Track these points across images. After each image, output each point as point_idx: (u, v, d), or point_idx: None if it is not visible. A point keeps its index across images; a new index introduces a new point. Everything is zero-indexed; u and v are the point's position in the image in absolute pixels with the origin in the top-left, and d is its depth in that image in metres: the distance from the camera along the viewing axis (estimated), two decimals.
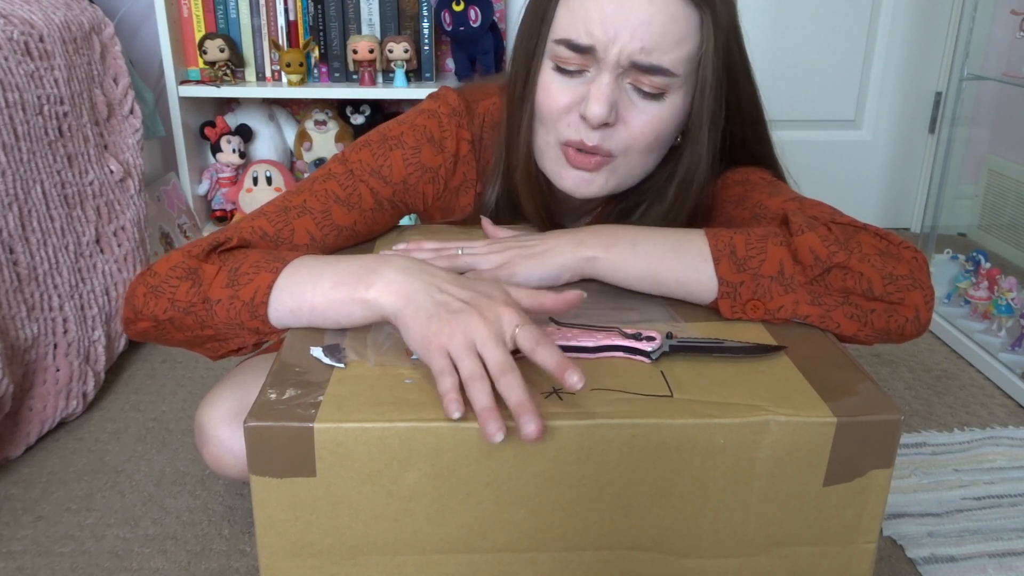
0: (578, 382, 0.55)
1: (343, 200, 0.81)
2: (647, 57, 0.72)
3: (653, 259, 0.72)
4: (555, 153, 0.79)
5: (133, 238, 1.44)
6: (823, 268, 0.68)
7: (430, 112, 0.86)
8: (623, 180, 0.80)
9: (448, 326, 0.58)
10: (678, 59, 0.73)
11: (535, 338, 0.58)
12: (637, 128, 0.75)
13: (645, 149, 0.77)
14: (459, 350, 0.57)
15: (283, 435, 0.55)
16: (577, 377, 0.55)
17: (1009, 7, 1.91)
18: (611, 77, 0.74)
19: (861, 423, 0.57)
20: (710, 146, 0.78)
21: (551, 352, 0.57)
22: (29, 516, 1.09)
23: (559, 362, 0.56)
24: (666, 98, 0.75)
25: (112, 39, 1.49)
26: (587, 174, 0.78)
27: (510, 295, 0.62)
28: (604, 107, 0.73)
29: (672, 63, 0.73)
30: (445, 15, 1.86)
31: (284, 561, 0.59)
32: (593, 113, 0.73)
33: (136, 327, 0.73)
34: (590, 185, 0.79)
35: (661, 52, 0.72)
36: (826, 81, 2.19)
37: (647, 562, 0.60)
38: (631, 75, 0.74)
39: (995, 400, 1.43)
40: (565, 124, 0.77)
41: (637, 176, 0.81)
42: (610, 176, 0.79)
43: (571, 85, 0.76)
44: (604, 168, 0.78)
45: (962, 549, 1.04)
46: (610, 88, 0.74)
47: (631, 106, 0.75)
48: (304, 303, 0.66)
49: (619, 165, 0.78)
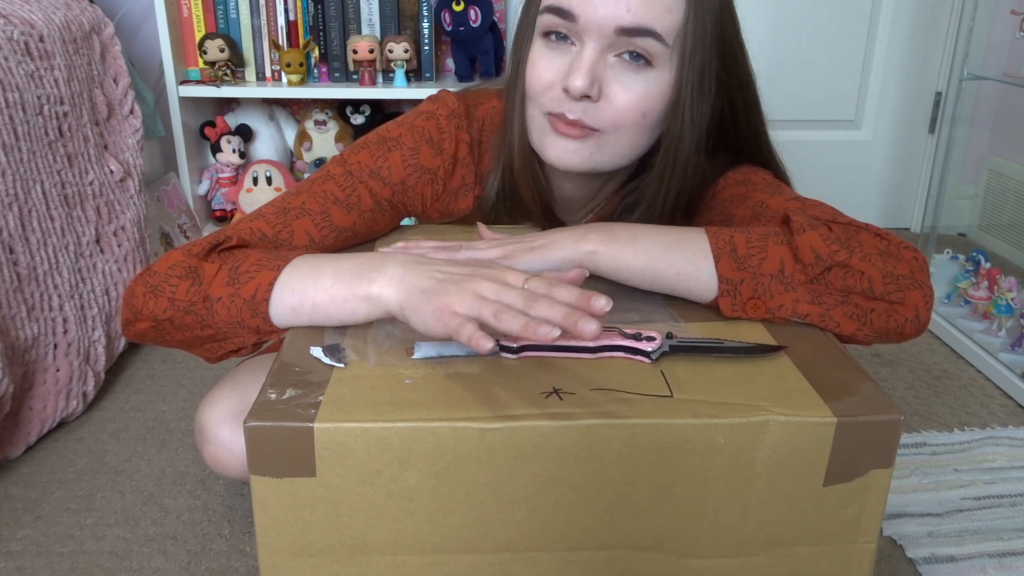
0: (606, 305, 0.56)
1: (342, 201, 0.81)
2: (634, 18, 0.72)
3: (653, 254, 0.71)
4: (541, 124, 0.79)
5: (133, 238, 1.44)
6: (824, 267, 0.68)
7: (429, 114, 0.86)
8: (612, 158, 0.80)
9: (456, 294, 0.59)
10: (668, 26, 0.73)
11: (547, 283, 0.59)
12: (621, 105, 0.75)
13: (632, 127, 0.77)
14: (473, 304, 0.57)
15: (283, 435, 0.55)
16: (604, 301, 0.56)
17: (1009, 7, 1.92)
18: (595, 50, 0.74)
19: (861, 423, 0.57)
20: (696, 120, 0.77)
21: (568, 290, 0.58)
22: (29, 516, 1.09)
23: (580, 294, 0.57)
24: (652, 73, 0.75)
25: (112, 39, 1.49)
26: (572, 143, 0.78)
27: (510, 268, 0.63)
28: (585, 79, 0.73)
29: (661, 27, 0.72)
30: (445, 15, 1.86)
31: (284, 561, 0.59)
32: (574, 85, 0.73)
33: (135, 327, 0.73)
34: (574, 155, 0.78)
35: (648, 15, 0.72)
36: (826, 81, 2.19)
37: (647, 562, 0.60)
38: (617, 47, 0.74)
39: (995, 400, 1.43)
40: (549, 98, 0.77)
41: (627, 155, 0.80)
42: (596, 150, 0.78)
43: (558, 60, 0.76)
44: (590, 140, 0.77)
45: (962, 549, 1.04)
46: (592, 61, 0.74)
47: (615, 82, 0.75)
48: (306, 300, 0.66)
49: (606, 141, 0.78)
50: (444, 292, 0.60)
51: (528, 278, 0.60)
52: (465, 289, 0.59)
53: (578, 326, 0.54)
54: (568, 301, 0.57)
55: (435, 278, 0.62)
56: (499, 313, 0.56)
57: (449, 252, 0.76)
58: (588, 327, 0.54)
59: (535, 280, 0.60)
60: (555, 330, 0.53)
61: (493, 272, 0.61)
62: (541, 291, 0.58)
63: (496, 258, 0.74)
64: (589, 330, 0.54)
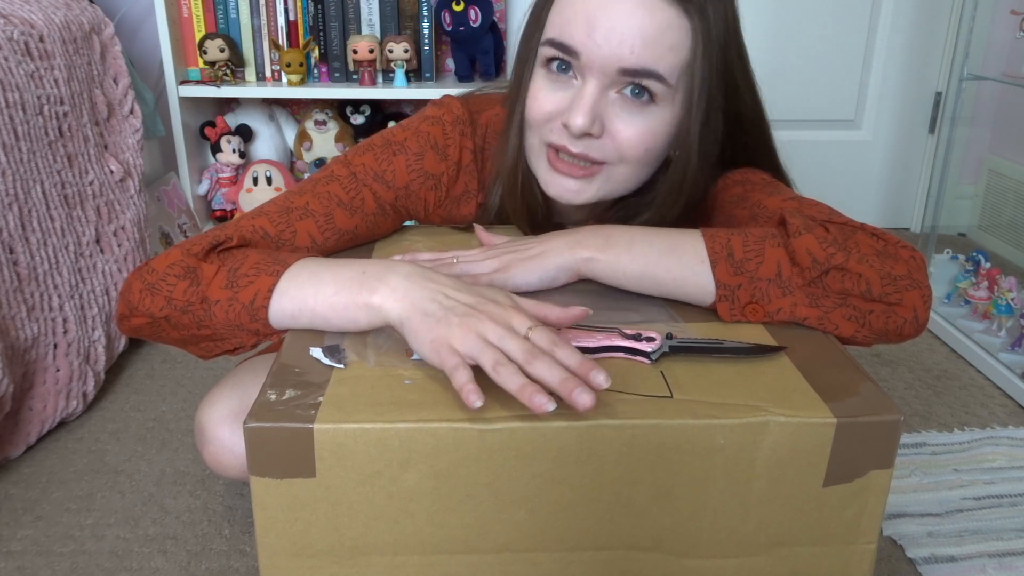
0: (604, 382, 0.54)
1: (346, 204, 0.81)
2: (636, 60, 0.71)
3: (650, 259, 0.71)
4: (542, 156, 0.79)
5: (133, 238, 1.44)
6: (821, 270, 0.67)
7: (434, 119, 0.86)
8: (617, 188, 0.80)
9: (459, 329, 0.58)
10: (670, 66, 0.72)
11: (551, 339, 0.57)
12: (624, 140, 0.75)
13: (636, 161, 0.77)
14: (474, 347, 0.57)
15: (283, 436, 0.55)
16: (603, 377, 0.54)
17: (1009, 7, 1.92)
18: (596, 87, 0.73)
19: (861, 423, 0.57)
20: (702, 157, 0.77)
21: (571, 352, 0.56)
22: (29, 516, 1.09)
23: (581, 362, 0.56)
24: (655, 109, 0.74)
25: (112, 39, 1.49)
26: (573, 183, 0.78)
27: (515, 301, 0.62)
28: (586, 118, 0.73)
29: (664, 68, 0.72)
30: (445, 15, 1.86)
31: (284, 561, 0.59)
32: (575, 123, 0.73)
33: (130, 323, 0.72)
34: (577, 195, 0.78)
35: (651, 56, 0.71)
36: (826, 81, 2.19)
37: (647, 562, 0.60)
38: (619, 84, 0.73)
39: (995, 400, 1.43)
40: (549, 129, 0.77)
41: (631, 186, 0.80)
42: (603, 184, 0.78)
43: (558, 93, 0.75)
44: (597, 177, 0.77)
45: (962, 549, 1.04)
46: (594, 99, 0.73)
47: (617, 119, 0.74)
48: (305, 308, 0.66)
49: (613, 173, 0.78)
50: (446, 323, 0.59)
51: (532, 327, 0.58)
52: (468, 327, 0.58)
53: (573, 395, 0.53)
54: (569, 364, 0.56)
55: (439, 302, 0.61)
56: (497, 366, 0.55)
57: (446, 268, 0.74)
58: (582, 399, 0.53)
59: (540, 331, 0.58)
60: (550, 404, 0.52)
61: (500, 312, 0.59)
62: (544, 346, 0.57)
63: (491, 271, 0.74)
64: (583, 402, 0.53)
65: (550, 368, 0.55)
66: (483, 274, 0.73)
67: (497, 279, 0.73)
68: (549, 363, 0.55)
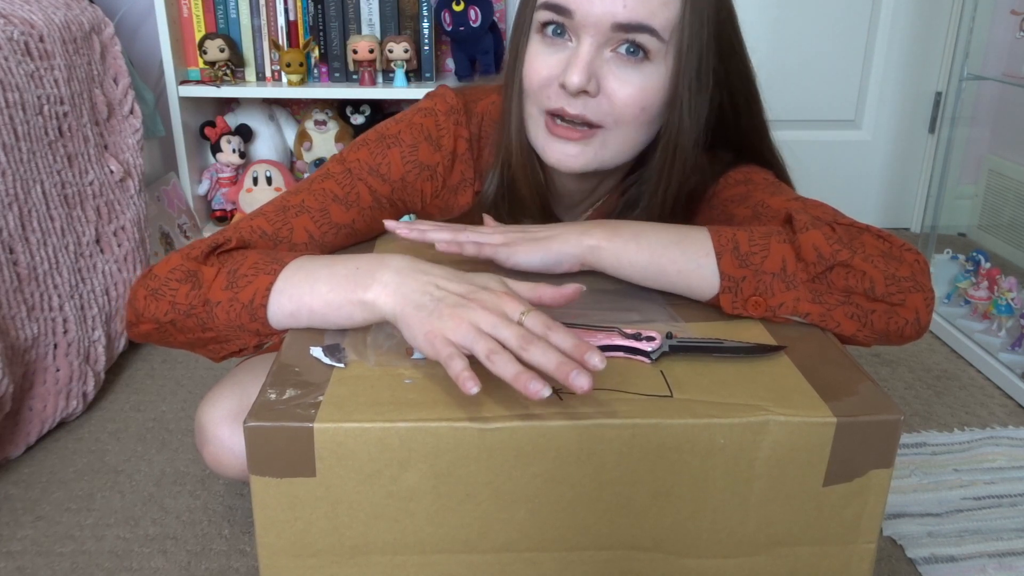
0: (599, 363, 0.54)
1: (341, 199, 0.81)
2: (630, 14, 0.72)
3: (656, 250, 0.71)
4: (540, 123, 0.79)
5: (133, 238, 1.44)
6: (826, 266, 0.67)
7: (427, 110, 0.86)
8: (615, 154, 0.79)
9: (451, 320, 0.58)
10: (663, 20, 0.73)
11: (545, 322, 0.57)
12: (620, 99, 0.75)
13: (633, 121, 0.77)
14: (467, 337, 0.57)
15: (283, 435, 0.55)
16: (599, 359, 0.54)
17: (1009, 7, 1.92)
18: (591, 45, 0.73)
19: (861, 423, 0.57)
20: (693, 120, 0.77)
21: (565, 335, 0.56)
22: (29, 516, 1.09)
23: (576, 344, 0.56)
24: (650, 67, 0.74)
25: (112, 39, 1.49)
26: (572, 146, 0.77)
27: (508, 286, 0.62)
28: (582, 74, 0.73)
29: (657, 23, 0.72)
30: (445, 15, 1.86)
31: (284, 561, 0.59)
32: (571, 81, 0.73)
33: (139, 329, 0.73)
34: (575, 159, 0.78)
35: (644, 11, 0.72)
36: (826, 81, 2.19)
37: (647, 562, 0.60)
38: (614, 42, 0.74)
39: (995, 400, 1.43)
40: (547, 94, 0.77)
41: (629, 151, 0.80)
42: (600, 148, 0.78)
43: (555, 56, 0.76)
44: (593, 140, 0.77)
45: (962, 549, 1.04)
46: (589, 56, 0.73)
47: (612, 77, 0.75)
48: (302, 306, 0.66)
49: (610, 137, 0.77)
50: (438, 315, 0.59)
51: (526, 311, 0.58)
52: (460, 317, 0.58)
53: (570, 378, 0.53)
54: (564, 347, 0.56)
55: (430, 294, 0.61)
56: (492, 354, 0.55)
57: (454, 231, 0.75)
58: (580, 381, 0.53)
59: (533, 316, 0.58)
60: (546, 389, 0.52)
61: (492, 299, 0.59)
62: (538, 331, 0.57)
63: (499, 244, 0.74)
64: (580, 384, 0.53)
65: (545, 353, 0.55)
66: (488, 244, 0.73)
67: (501, 253, 0.73)
68: (544, 348, 0.55)
